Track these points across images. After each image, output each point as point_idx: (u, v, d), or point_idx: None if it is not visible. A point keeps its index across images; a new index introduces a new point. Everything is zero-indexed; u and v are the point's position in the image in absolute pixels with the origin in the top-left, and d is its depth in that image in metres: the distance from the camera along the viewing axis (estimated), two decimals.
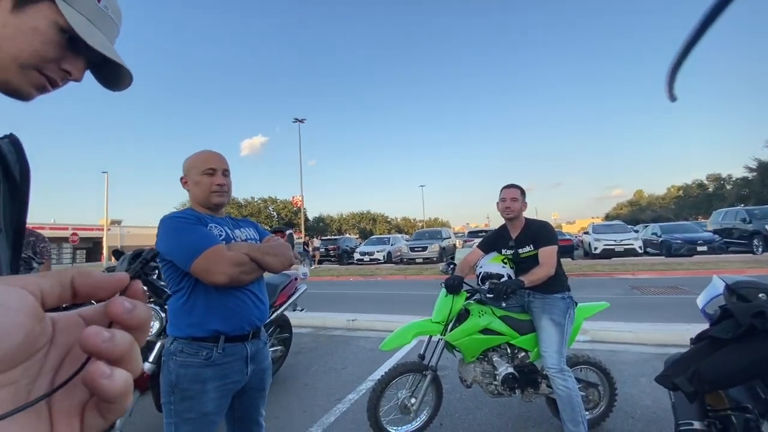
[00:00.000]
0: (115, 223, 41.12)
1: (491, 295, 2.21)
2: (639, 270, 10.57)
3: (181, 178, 1.45)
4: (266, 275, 1.49)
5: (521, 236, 2.44)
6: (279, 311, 3.30)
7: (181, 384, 1.29)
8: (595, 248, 14.70)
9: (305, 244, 20.98)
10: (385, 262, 17.85)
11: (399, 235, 23.27)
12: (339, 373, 3.71)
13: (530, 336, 2.36)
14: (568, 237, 17.03)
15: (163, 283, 2.25)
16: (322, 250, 20.85)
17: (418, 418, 2.43)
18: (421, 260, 16.03)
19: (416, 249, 16.35)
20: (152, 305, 2.24)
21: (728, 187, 34.37)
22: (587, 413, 2.41)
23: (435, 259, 15.73)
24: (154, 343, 2.21)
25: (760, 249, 13.00)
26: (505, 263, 2.50)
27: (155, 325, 2.21)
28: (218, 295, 1.30)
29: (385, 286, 10.66)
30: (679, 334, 4.17)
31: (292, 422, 2.75)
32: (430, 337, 2.46)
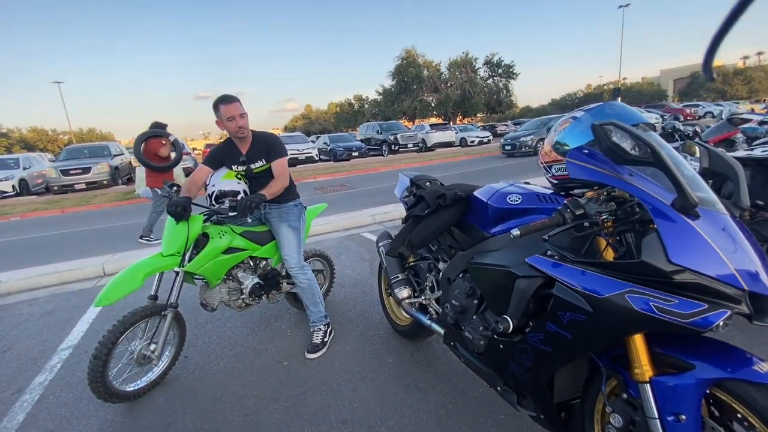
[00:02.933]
0: None
1: (234, 213, 2.10)
2: (318, 174, 12.76)
3: None
4: None
5: (252, 151, 2.36)
6: None
7: None
8: None
9: None
10: (17, 195, 12.57)
11: (35, 155, 16.57)
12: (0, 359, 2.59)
13: (270, 245, 2.47)
14: None
15: None
16: None
17: (161, 362, 2.16)
18: (84, 185, 12.37)
19: (74, 171, 12.34)
20: None
21: (366, 106, 45.56)
22: None
23: (106, 182, 12.56)
24: None
25: (386, 152, 18.58)
26: (240, 179, 2.39)
27: None
28: None
29: (30, 227, 7.66)
30: (357, 219, 5.57)
31: None
32: (161, 274, 2.11)
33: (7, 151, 33.18)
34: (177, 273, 2.09)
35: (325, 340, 2.39)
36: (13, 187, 12.69)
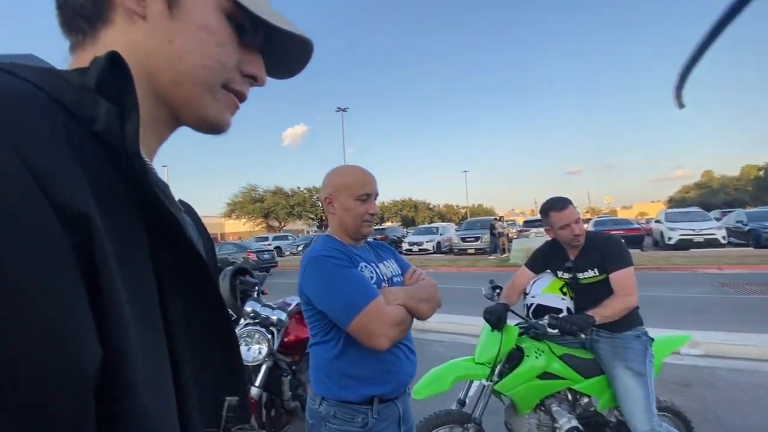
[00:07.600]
0: None
1: (554, 332, 1.83)
2: (726, 264, 9.49)
3: (325, 198, 1.23)
4: None
5: (582, 258, 1.94)
6: None
7: None
8: (670, 238, 13.43)
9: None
10: (434, 253, 17.56)
11: (447, 224, 22.85)
12: None
13: (596, 380, 1.95)
14: (637, 226, 15.69)
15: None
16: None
17: None
18: (473, 251, 15.58)
19: (468, 239, 15.92)
20: (258, 327, 2.12)
21: None
22: None
23: (488, 249, 15.21)
24: (260, 366, 2.10)
25: None
26: (564, 293, 2.06)
27: (263, 349, 2.09)
28: (373, 351, 1.10)
29: (438, 278, 10.34)
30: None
31: None
32: (471, 380, 2.06)
33: (429, 220, 48.06)
34: (485, 386, 1.94)
35: None
36: (432, 246, 17.94)
